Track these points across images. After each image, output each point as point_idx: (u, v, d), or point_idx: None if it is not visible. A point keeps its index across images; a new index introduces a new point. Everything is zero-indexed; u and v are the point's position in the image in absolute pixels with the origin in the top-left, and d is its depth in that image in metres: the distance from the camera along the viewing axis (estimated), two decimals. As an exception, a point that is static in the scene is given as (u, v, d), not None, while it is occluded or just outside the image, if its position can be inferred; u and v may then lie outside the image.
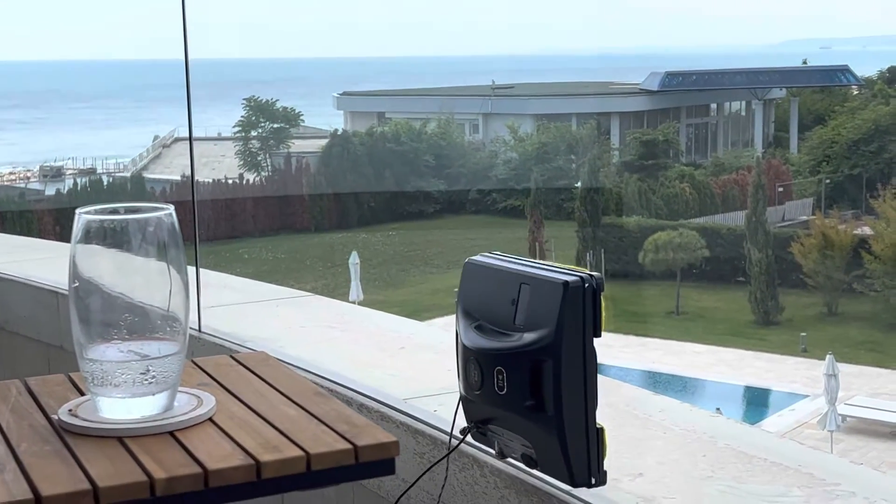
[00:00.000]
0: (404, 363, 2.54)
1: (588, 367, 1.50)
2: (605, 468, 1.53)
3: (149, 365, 1.29)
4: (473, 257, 1.67)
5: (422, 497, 2.09)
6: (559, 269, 1.52)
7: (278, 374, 1.47)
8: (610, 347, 27.70)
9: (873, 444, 20.68)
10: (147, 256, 1.28)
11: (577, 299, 1.47)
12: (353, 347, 2.81)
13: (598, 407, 2.29)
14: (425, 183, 39.47)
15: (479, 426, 1.64)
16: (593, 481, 1.50)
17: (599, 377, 2.61)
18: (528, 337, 1.49)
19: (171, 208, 1.30)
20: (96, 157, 51.84)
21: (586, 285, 1.48)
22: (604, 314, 1.51)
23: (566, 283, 1.46)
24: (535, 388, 1.48)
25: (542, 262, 1.57)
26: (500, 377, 1.52)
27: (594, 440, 1.50)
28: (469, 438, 1.70)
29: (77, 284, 1.28)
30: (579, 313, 1.48)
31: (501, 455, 1.65)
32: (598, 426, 1.51)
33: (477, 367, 1.57)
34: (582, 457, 1.49)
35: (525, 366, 1.49)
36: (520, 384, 1.50)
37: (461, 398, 1.69)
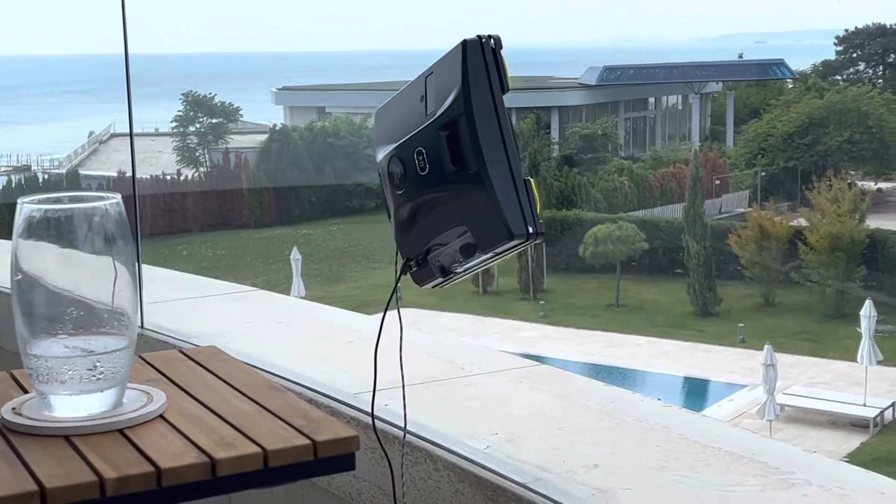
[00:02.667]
0: (353, 357, 2.51)
1: (502, 121, 1.49)
2: (541, 220, 1.49)
3: (96, 360, 1.24)
4: (384, 98, 1.67)
5: (373, 493, 2.06)
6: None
7: (230, 369, 1.43)
8: (553, 340, 27.89)
9: (810, 433, 21.04)
10: (93, 248, 1.24)
11: (477, 55, 1.47)
12: (301, 342, 2.77)
13: (551, 398, 2.28)
14: (366, 177, 39.36)
15: (418, 261, 1.62)
16: (530, 230, 1.47)
17: (549, 367, 2.60)
18: (440, 110, 1.49)
19: (117, 197, 1.26)
20: (30, 153, 50.97)
21: (483, 40, 1.48)
22: (508, 73, 1.49)
23: (464, 42, 1.47)
24: (455, 152, 1.48)
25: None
26: (421, 157, 1.52)
27: (523, 190, 1.48)
28: (412, 435, 1.68)
29: (19, 277, 1.24)
30: (482, 67, 1.47)
31: (443, 271, 1.61)
32: (525, 178, 1.49)
33: (399, 164, 1.56)
34: (514, 207, 1.47)
35: (441, 135, 1.49)
36: (440, 155, 1.49)
37: (396, 238, 1.66)
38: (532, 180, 1.49)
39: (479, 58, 1.47)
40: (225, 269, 33.11)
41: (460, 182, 1.48)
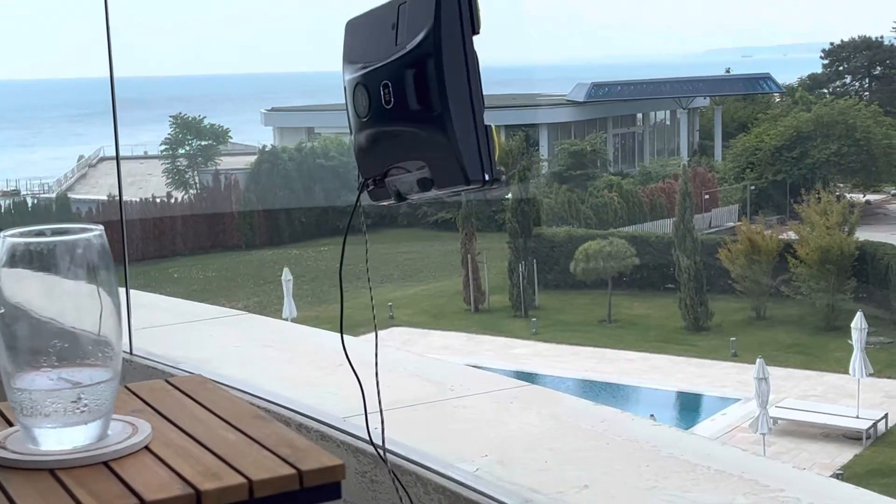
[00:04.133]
0: (343, 380, 2.50)
1: (470, 65, 1.49)
2: (499, 167, 1.52)
3: (80, 393, 1.24)
4: (353, 17, 1.66)
5: (364, 517, 2.05)
6: None
7: (216, 398, 1.43)
8: (544, 357, 27.86)
9: (804, 446, 21.03)
10: (76, 279, 1.23)
11: None
12: (290, 366, 2.77)
13: (541, 418, 2.28)
14: (354, 197, 39.31)
15: (375, 181, 1.63)
16: (486, 177, 1.49)
17: (539, 387, 2.60)
18: (410, 45, 1.49)
19: (100, 229, 1.26)
20: (19, 178, 50.87)
21: None
22: (481, 13, 1.49)
23: None
24: (421, 91, 1.48)
25: None
26: (387, 91, 1.52)
27: (483, 136, 1.49)
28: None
29: (2, 311, 1.23)
30: (455, 8, 1.47)
31: (399, 196, 1.63)
32: (486, 124, 1.50)
33: (364, 91, 1.57)
34: (473, 153, 1.48)
35: (409, 71, 1.49)
36: (405, 91, 1.50)
37: (356, 156, 1.67)
38: (493, 127, 1.51)
39: (454, 3, 1.47)
40: (216, 291, 33.05)
41: (423, 122, 1.49)
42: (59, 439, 1.24)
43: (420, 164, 1.54)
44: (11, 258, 1.23)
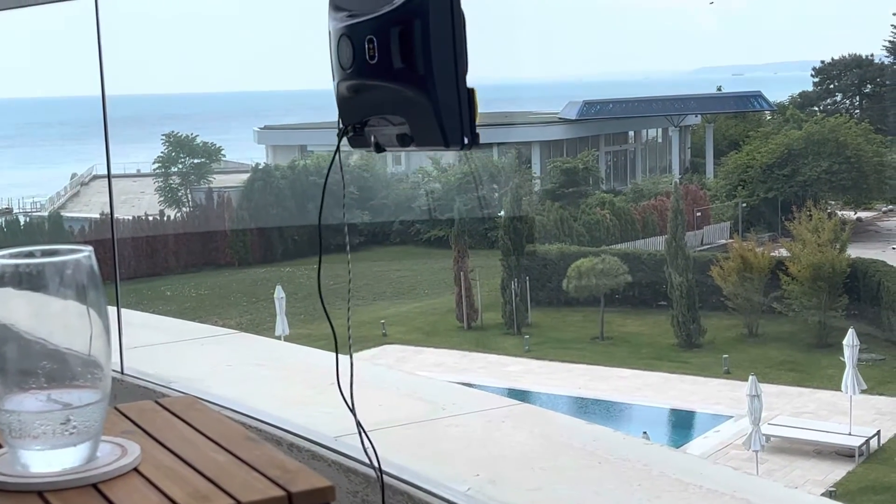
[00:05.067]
0: (335, 400, 2.50)
1: (456, 27, 1.48)
2: (477, 131, 1.52)
3: (69, 414, 1.23)
4: None
5: (356, 538, 2.05)
6: None
7: (206, 419, 1.42)
8: (537, 374, 27.83)
9: (797, 463, 21.01)
10: (65, 300, 1.23)
11: None
12: (281, 385, 2.76)
13: (533, 437, 2.28)
14: (350, 215, 39.35)
15: (355, 128, 1.62)
16: (465, 141, 1.50)
17: (531, 406, 2.60)
18: (398, 5, 1.48)
19: (89, 250, 1.25)
20: (12, 196, 50.79)
21: None
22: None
23: None
24: (406, 50, 1.48)
25: None
26: (371, 46, 1.51)
27: (465, 100, 1.49)
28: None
29: (-8, 332, 1.23)
30: None
31: (378, 147, 1.63)
32: (468, 87, 1.50)
33: (348, 42, 1.56)
34: (454, 117, 1.49)
35: (395, 29, 1.48)
36: (390, 48, 1.49)
37: (338, 101, 1.65)
38: (474, 90, 1.50)
39: None
40: (209, 309, 32.99)
41: (406, 81, 1.49)
42: (47, 461, 1.23)
43: (400, 119, 1.53)
44: (1, 279, 1.22)
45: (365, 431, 1.82)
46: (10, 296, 1.22)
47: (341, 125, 1.66)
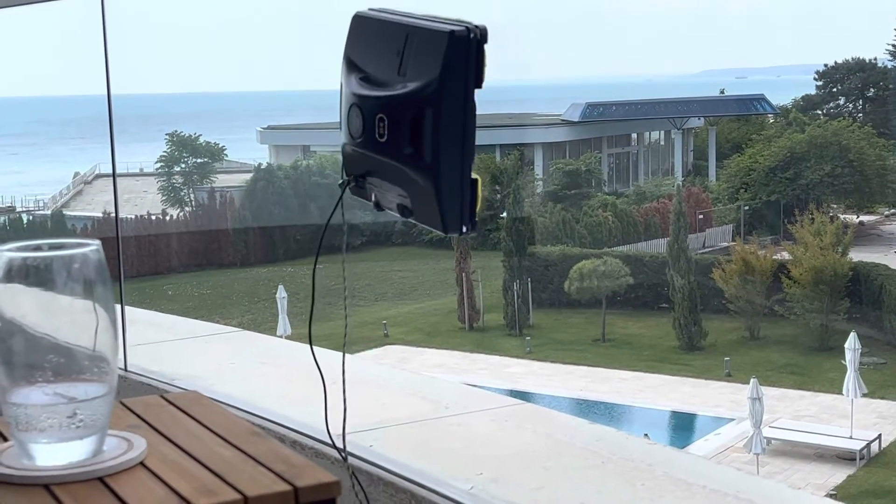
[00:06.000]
0: (338, 397, 2.50)
1: (468, 119, 1.49)
2: (476, 218, 1.54)
3: (76, 408, 1.23)
4: (361, 10, 1.64)
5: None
6: (446, 21, 1.51)
7: (211, 414, 1.42)
8: (538, 376, 27.83)
9: (798, 466, 21.00)
10: (72, 294, 1.23)
11: (461, 50, 1.46)
12: (284, 383, 2.76)
13: (536, 437, 2.28)
14: (351, 215, 39.23)
15: (357, 179, 1.63)
16: (464, 229, 1.52)
17: (534, 406, 2.60)
18: (412, 85, 1.48)
19: (97, 243, 1.25)
20: (14, 194, 50.85)
21: (471, 35, 1.46)
22: (486, 67, 1.49)
23: (452, 33, 1.45)
24: (416, 137, 1.49)
25: (430, 14, 1.55)
26: (382, 125, 1.52)
27: (468, 190, 1.51)
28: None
29: (-1, 325, 1.23)
30: (462, 64, 1.46)
31: (378, 206, 1.64)
32: (472, 177, 1.51)
33: (359, 113, 1.57)
34: (455, 207, 1.50)
35: (407, 113, 1.49)
36: (400, 132, 1.50)
37: (343, 155, 1.66)
38: (479, 179, 1.52)
39: (462, 55, 1.46)
40: (211, 308, 33.00)
41: (413, 165, 1.50)
42: (54, 455, 1.24)
43: (403, 192, 1.55)
44: (8, 273, 1.22)
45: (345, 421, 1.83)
46: (17, 290, 1.23)
47: (344, 176, 1.66)
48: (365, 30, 1.63)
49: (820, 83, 53.03)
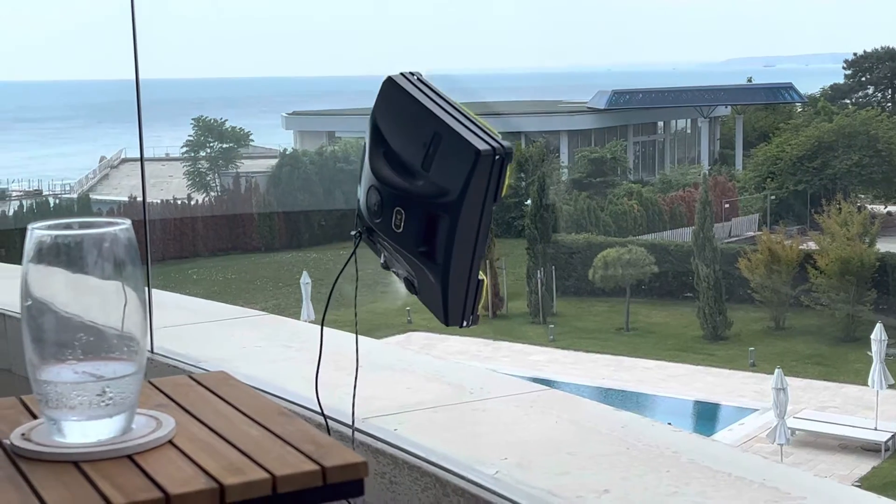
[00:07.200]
0: (363, 382, 2.51)
1: (482, 228, 1.54)
2: (478, 312, 1.61)
3: (105, 386, 1.24)
4: (395, 76, 1.65)
5: (384, 518, 2.05)
6: (474, 126, 1.54)
7: (239, 394, 1.43)
8: (561, 364, 27.81)
9: (822, 458, 20.91)
10: (102, 273, 1.23)
11: (485, 168, 1.50)
12: (310, 367, 2.77)
13: (561, 423, 2.28)
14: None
15: (370, 232, 1.67)
16: (465, 324, 1.59)
17: (558, 392, 2.60)
18: (432, 189, 1.52)
19: (127, 223, 1.26)
20: (42, 178, 51.21)
21: (497, 157, 1.50)
22: (507, 181, 1.54)
23: (478, 152, 1.49)
24: (430, 237, 1.54)
25: (460, 108, 1.58)
26: (399, 217, 1.57)
27: (473, 290, 1.57)
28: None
29: (30, 303, 1.23)
30: (485, 182, 1.51)
31: (386, 266, 1.71)
32: (479, 278, 1.57)
33: (378, 196, 1.61)
34: (459, 304, 1.57)
35: (424, 214, 1.54)
36: (416, 230, 1.56)
37: (356, 237, 1.71)
38: (485, 280, 1.58)
39: (485, 174, 1.50)
40: (235, 293, 33.13)
41: (424, 262, 1.56)
42: (83, 432, 1.25)
43: (412, 272, 1.61)
44: (39, 251, 1.23)
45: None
46: (48, 268, 1.23)
47: (358, 228, 1.71)
48: (395, 102, 1.63)
49: (849, 72, 52.59)
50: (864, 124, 40.18)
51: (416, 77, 1.64)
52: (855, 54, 52.75)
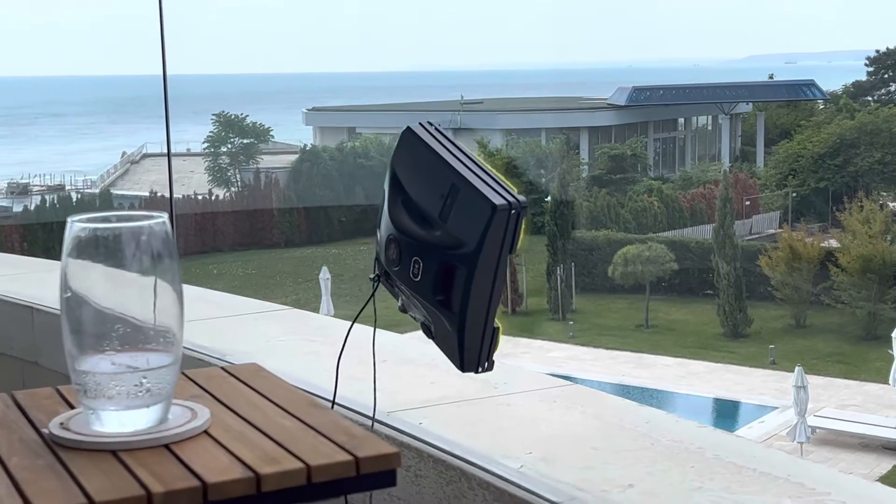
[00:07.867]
0: (387, 376, 2.52)
1: (497, 277, 1.58)
2: (493, 358, 1.64)
3: (142, 377, 1.26)
4: (414, 126, 1.69)
5: (409, 511, 2.07)
6: (491, 180, 1.57)
7: (271, 386, 1.45)
8: (580, 361, 27.78)
9: (842, 456, 20.82)
10: (140, 266, 1.26)
11: (502, 223, 1.53)
12: (334, 360, 2.79)
13: (585, 418, 2.29)
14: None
15: (388, 275, 1.70)
16: (479, 370, 1.63)
17: (582, 387, 2.61)
18: (449, 240, 1.56)
19: (164, 216, 1.28)
20: (64, 173, 51.48)
21: (513, 211, 1.54)
22: (522, 234, 1.57)
23: (494, 207, 1.52)
24: (447, 287, 1.57)
25: (476, 160, 1.61)
26: (416, 267, 1.61)
27: (489, 338, 1.60)
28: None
29: (69, 295, 1.26)
30: (501, 235, 1.54)
31: (403, 310, 1.74)
32: (495, 325, 1.60)
33: (396, 247, 1.65)
34: (474, 353, 1.60)
35: (441, 264, 1.58)
36: (433, 280, 1.59)
37: (375, 281, 1.76)
38: (500, 327, 1.61)
39: (501, 228, 1.53)
40: (255, 288, 33.22)
41: (441, 309, 1.59)
42: (121, 422, 1.27)
43: (430, 319, 1.65)
44: (78, 243, 1.26)
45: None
46: (87, 260, 1.26)
47: (376, 271, 1.75)
48: (415, 152, 1.66)
49: (871, 69, 52.24)
50: (886, 121, 39.94)
51: (433, 127, 1.68)
52: (877, 51, 52.39)
